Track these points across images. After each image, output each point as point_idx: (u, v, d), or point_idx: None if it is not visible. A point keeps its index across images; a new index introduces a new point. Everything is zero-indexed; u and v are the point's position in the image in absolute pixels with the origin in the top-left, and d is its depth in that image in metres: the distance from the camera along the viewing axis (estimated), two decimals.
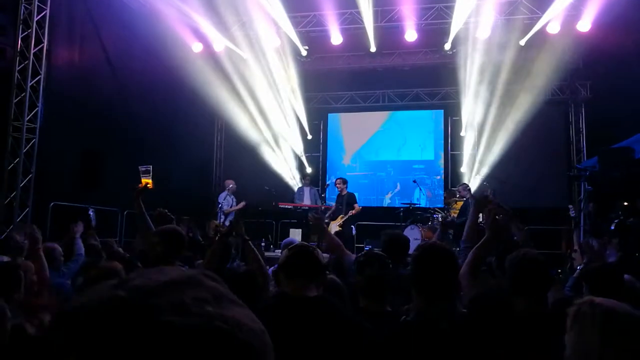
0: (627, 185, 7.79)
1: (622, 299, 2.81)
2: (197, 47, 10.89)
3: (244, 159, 11.99)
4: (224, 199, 9.81)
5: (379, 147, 12.78)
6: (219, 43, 10.82)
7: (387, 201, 12.40)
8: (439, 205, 10.94)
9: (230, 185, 9.95)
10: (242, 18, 10.39)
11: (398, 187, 12.37)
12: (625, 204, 7.97)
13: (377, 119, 12.89)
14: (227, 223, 9.52)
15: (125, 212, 8.60)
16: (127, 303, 0.48)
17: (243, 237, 3.41)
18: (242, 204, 9.66)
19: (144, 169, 3.90)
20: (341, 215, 9.02)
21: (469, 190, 9.39)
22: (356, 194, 9.61)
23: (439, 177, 12.40)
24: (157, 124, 9.99)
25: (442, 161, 12.45)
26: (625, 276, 3.15)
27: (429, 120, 12.68)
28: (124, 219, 8.75)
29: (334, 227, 8.90)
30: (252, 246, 3.29)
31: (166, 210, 3.84)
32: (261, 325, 0.53)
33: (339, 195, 9.33)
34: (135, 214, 3.82)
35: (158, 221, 3.63)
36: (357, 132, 12.96)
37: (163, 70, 9.80)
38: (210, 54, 10.93)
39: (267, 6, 9.97)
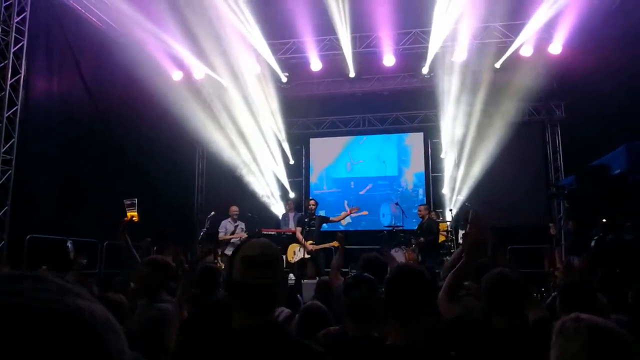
0: (605, 202, 7.90)
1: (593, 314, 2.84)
2: (177, 75, 10.94)
3: (226, 186, 11.93)
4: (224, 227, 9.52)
5: (342, 166, 13.01)
6: (199, 71, 10.89)
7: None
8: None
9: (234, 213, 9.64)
10: (221, 46, 10.47)
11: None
12: (604, 220, 8.09)
13: (340, 142, 13.12)
14: (227, 252, 9.29)
15: (105, 243, 8.44)
16: None
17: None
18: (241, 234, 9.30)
19: (129, 202, 3.88)
20: (310, 241, 8.82)
21: (429, 210, 9.76)
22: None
23: (403, 185, 12.59)
24: (138, 152, 9.92)
25: (405, 177, 12.62)
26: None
27: (392, 140, 12.87)
28: (103, 250, 8.58)
29: (300, 252, 8.82)
30: None
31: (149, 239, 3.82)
32: (108, 314, 0.56)
33: (311, 217, 9.12)
34: (118, 246, 3.76)
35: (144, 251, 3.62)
36: (324, 154, 13.15)
37: (143, 98, 9.78)
38: (190, 82, 10.99)
39: (247, 34, 10.09)
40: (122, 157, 9.43)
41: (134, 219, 3.80)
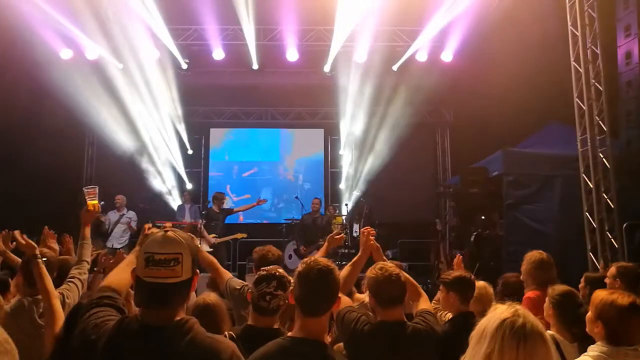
0: (483, 201, 8.65)
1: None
2: (66, 53, 10.11)
3: (119, 175, 11.25)
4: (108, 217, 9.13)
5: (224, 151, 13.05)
6: (92, 51, 10.16)
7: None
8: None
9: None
10: (118, 26, 9.85)
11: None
12: (483, 217, 8.86)
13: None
14: (108, 244, 8.85)
15: None
16: None
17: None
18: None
19: (89, 189, 3.48)
20: (213, 235, 8.74)
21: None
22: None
23: (282, 178, 12.89)
24: (15, 136, 9.05)
25: (286, 163, 12.94)
26: (481, 282, 3.52)
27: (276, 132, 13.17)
28: None
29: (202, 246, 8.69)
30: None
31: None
32: None
33: (221, 210, 9.09)
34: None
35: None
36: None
37: (24, 76, 8.94)
38: (81, 62, 10.20)
39: (146, 16, 9.59)
40: None
41: (95, 208, 3.40)
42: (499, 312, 1.54)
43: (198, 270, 1.73)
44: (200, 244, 8.70)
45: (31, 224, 4.38)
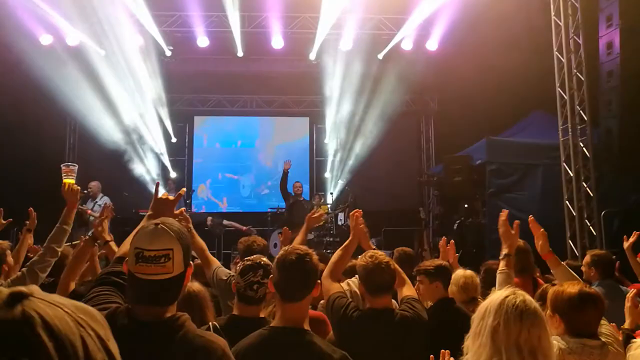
0: (467, 189, 8.74)
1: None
2: (46, 39, 9.90)
3: (101, 162, 11.10)
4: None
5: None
6: (73, 37, 9.96)
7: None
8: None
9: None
10: (100, 12, 9.65)
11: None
12: (466, 205, 8.96)
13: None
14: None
15: None
16: None
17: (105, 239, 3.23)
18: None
19: (67, 166, 3.29)
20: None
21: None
22: None
23: (262, 158, 12.99)
24: None
25: (266, 150, 12.99)
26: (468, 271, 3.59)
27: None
28: None
29: None
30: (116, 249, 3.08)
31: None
32: None
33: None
34: None
35: None
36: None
37: (2, 62, 8.74)
38: (62, 48, 10.00)
39: (129, 1, 9.42)
40: None
41: (72, 187, 3.19)
42: (499, 293, 1.74)
43: (192, 262, 1.70)
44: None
45: (10, 213, 4.31)
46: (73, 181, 3.25)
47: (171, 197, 2.11)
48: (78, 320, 0.64)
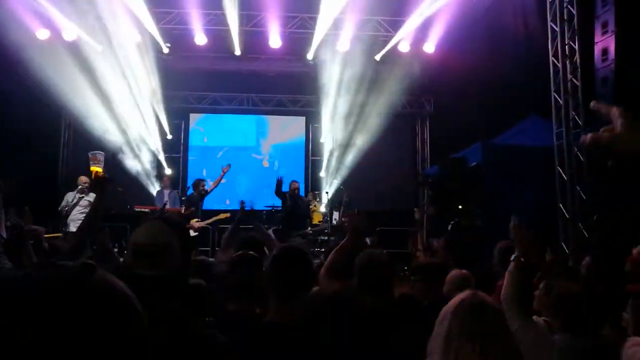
0: (461, 191, 8.79)
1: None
2: (42, 33, 9.87)
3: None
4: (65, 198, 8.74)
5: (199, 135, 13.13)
6: (70, 32, 9.93)
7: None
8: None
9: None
10: (98, 8, 9.63)
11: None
12: (460, 207, 9.01)
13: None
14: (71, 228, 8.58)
15: None
16: None
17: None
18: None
19: (94, 155, 3.24)
20: (196, 219, 8.68)
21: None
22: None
23: (260, 157, 13.01)
24: None
25: (262, 148, 13.06)
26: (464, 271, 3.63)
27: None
28: None
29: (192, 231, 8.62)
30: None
31: None
32: None
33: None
34: None
35: None
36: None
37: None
38: (59, 43, 9.97)
39: None
40: None
41: (98, 174, 3.12)
42: (459, 296, 1.67)
43: (191, 255, 1.69)
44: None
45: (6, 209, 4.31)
46: (100, 169, 3.24)
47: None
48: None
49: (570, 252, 7.02)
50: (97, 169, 3.21)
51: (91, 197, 8.79)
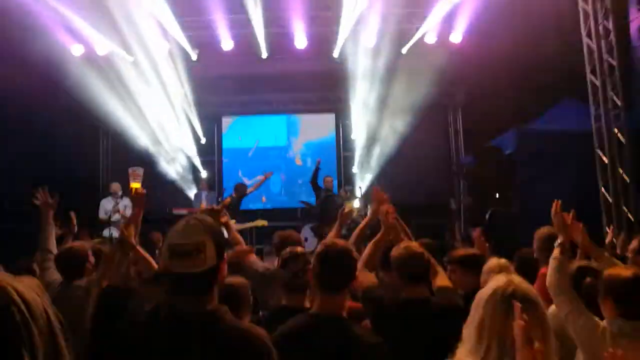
0: (498, 180, 8.67)
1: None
2: (77, 49, 10.22)
3: (134, 165, 11.39)
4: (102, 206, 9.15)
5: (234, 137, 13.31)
6: (103, 46, 10.26)
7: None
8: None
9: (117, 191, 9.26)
10: (127, 21, 9.90)
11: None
12: (497, 196, 8.88)
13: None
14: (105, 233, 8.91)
15: None
16: None
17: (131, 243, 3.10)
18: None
19: (133, 170, 3.38)
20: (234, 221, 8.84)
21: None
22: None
23: (291, 155, 13.10)
24: (31, 133, 9.23)
25: (293, 147, 13.12)
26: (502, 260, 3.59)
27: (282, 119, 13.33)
28: None
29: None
30: (143, 252, 3.11)
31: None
32: None
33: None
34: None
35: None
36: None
37: (38, 74, 9.06)
38: (93, 58, 10.32)
39: (154, 9, 9.64)
40: (15, 140, 8.73)
41: (138, 190, 3.22)
42: (494, 282, 1.63)
43: (226, 255, 1.71)
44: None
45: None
46: (139, 185, 3.33)
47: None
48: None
49: (615, 236, 6.81)
50: (136, 185, 3.31)
51: (125, 201, 9.10)
